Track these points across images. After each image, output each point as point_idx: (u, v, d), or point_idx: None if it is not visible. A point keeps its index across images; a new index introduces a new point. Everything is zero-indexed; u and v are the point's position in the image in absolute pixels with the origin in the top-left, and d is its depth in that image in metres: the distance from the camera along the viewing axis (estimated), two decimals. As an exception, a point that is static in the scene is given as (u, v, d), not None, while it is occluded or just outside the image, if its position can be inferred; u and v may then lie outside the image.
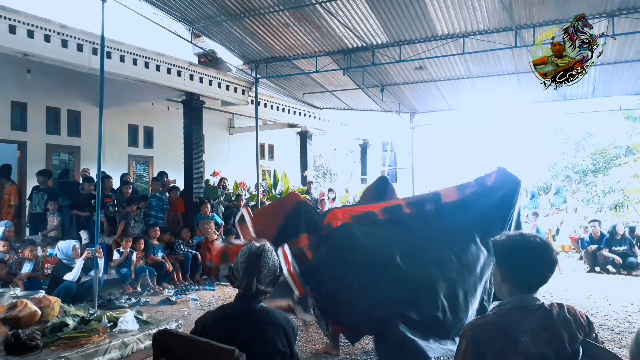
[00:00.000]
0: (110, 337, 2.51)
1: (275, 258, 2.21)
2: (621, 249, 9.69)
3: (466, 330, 1.83)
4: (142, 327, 2.69)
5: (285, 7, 7.76)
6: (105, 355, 2.38)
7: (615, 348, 4.89)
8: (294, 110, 13.48)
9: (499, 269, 1.95)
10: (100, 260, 6.36)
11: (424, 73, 10.64)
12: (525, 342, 1.74)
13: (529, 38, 8.09)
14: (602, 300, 7.25)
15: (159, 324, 2.76)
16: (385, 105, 12.82)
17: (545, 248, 1.88)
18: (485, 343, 1.77)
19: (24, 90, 9.56)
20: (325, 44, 9.16)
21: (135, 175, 12.40)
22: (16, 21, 6.92)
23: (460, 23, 8.01)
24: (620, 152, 18.44)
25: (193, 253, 8.79)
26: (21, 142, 9.95)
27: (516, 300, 1.86)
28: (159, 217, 9.28)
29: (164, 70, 9.08)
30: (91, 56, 7.82)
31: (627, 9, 7.24)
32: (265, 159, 15.66)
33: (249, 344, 1.96)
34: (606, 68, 9.64)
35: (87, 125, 10.76)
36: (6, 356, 2.22)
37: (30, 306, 2.59)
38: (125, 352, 2.47)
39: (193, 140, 9.98)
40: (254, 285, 2.09)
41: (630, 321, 6.01)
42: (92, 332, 2.47)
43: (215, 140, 13.72)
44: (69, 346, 2.36)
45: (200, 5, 7.94)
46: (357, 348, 4.93)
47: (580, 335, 1.82)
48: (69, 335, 2.43)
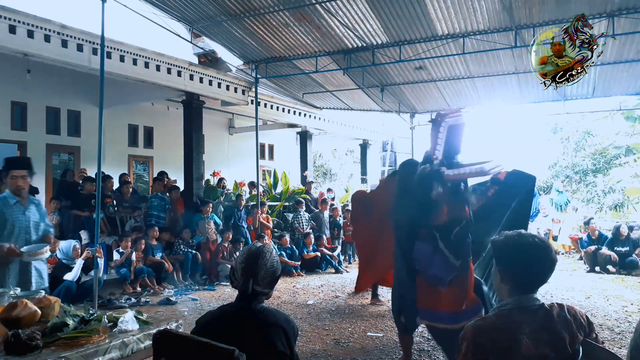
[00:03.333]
0: (110, 337, 2.51)
1: (274, 259, 2.18)
2: (624, 250, 9.70)
3: (467, 332, 1.83)
4: (142, 327, 2.69)
5: (285, 7, 7.77)
6: (105, 355, 2.37)
7: (615, 348, 4.89)
8: (294, 110, 13.49)
9: (499, 269, 1.95)
10: (100, 260, 6.37)
11: (424, 73, 10.65)
12: (526, 342, 1.74)
13: (529, 38, 8.10)
14: (602, 300, 7.25)
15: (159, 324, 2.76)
16: (385, 105, 12.83)
17: (544, 248, 1.88)
18: (486, 344, 1.77)
19: (24, 90, 9.56)
20: (325, 44, 9.17)
21: (135, 175, 12.41)
22: (16, 21, 6.93)
23: (460, 23, 8.01)
24: (620, 152, 18.44)
25: (193, 253, 8.79)
26: (21, 142, 9.95)
27: (516, 300, 1.86)
28: (161, 217, 9.28)
29: (164, 70, 9.09)
30: (91, 56, 7.82)
31: (627, 9, 7.25)
32: (265, 159, 15.66)
33: (249, 344, 1.96)
34: (606, 68, 9.65)
35: (87, 125, 10.76)
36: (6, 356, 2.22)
37: (30, 306, 2.59)
38: (125, 352, 2.47)
39: (193, 140, 9.98)
40: (250, 286, 2.08)
41: (630, 321, 6.01)
42: (92, 332, 2.47)
43: (215, 140, 13.72)
44: (69, 346, 2.35)
45: (200, 5, 7.94)
46: (357, 348, 4.94)
47: (580, 336, 1.82)
48: (69, 335, 2.42)
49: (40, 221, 3.87)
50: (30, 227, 3.76)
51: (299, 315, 6.31)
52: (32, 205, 3.82)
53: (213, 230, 9.32)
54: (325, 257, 10.21)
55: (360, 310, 6.63)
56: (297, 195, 11.81)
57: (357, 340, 5.21)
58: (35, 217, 3.81)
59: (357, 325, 5.82)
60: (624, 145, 18.49)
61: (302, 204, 11.10)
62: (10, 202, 3.69)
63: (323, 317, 6.21)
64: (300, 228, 10.69)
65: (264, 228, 10.09)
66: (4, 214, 3.64)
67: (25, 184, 3.73)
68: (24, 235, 3.71)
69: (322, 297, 7.54)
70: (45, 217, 3.98)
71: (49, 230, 3.99)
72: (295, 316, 6.16)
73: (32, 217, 3.78)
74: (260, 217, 10.11)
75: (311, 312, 6.48)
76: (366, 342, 5.16)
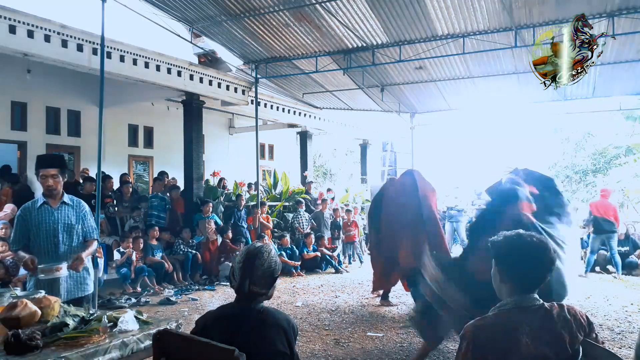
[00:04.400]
0: (110, 337, 2.50)
1: (273, 259, 2.16)
2: (623, 250, 9.70)
3: (467, 332, 1.83)
4: (142, 327, 2.69)
5: (285, 7, 7.77)
6: (105, 355, 2.37)
7: (615, 348, 4.89)
8: (294, 110, 13.49)
9: (498, 269, 1.95)
10: (100, 260, 6.36)
11: (424, 73, 10.64)
12: (526, 342, 1.74)
13: (529, 38, 8.10)
14: (602, 300, 7.25)
15: (159, 324, 2.76)
16: (385, 105, 12.83)
17: (542, 247, 1.88)
18: (486, 344, 1.77)
19: (24, 90, 9.56)
20: (325, 44, 9.17)
21: (135, 175, 12.41)
22: (16, 21, 6.92)
23: (460, 23, 8.01)
24: (620, 152, 18.43)
25: (193, 253, 8.79)
26: (21, 142, 9.95)
27: (516, 300, 1.86)
28: (161, 217, 9.28)
29: (164, 70, 9.09)
30: (91, 56, 7.82)
31: (627, 9, 7.25)
32: (265, 159, 15.66)
33: (249, 344, 1.96)
34: (606, 68, 9.64)
35: (87, 125, 10.76)
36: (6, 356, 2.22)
37: (30, 306, 2.59)
38: (125, 352, 2.47)
39: (193, 140, 9.98)
40: (247, 286, 2.07)
41: (630, 321, 6.01)
42: (92, 332, 2.47)
43: (215, 140, 13.72)
44: (69, 346, 2.35)
45: (200, 5, 7.94)
46: (357, 348, 4.94)
47: (580, 336, 1.82)
48: (69, 335, 2.42)
49: (75, 223, 3.52)
50: (58, 230, 3.44)
51: (299, 315, 6.31)
52: (64, 207, 3.50)
53: (213, 230, 9.32)
54: (325, 257, 10.22)
55: (360, 310, 6.64)
56: (297, 195, 11.81)
57: (357, 340, 5.21)
58: (67, 219, 3.48)
59: (357, 325, 5.82)
60: (624, 145, 18.47)
61: (302, 204, 11.10)
62: (35, 207, 3.46)
63: (323, 317, 6.21)
64: (301, 228, 10.70)
65: (264, 228, 10.09)
66: (26, 223, 3.42)
67: (56, 183, 3.43)
68: (52, 239, 3.42)
69: (322, 297, 7.54)
70: (85, 218, 3.60)
71: (90, 234, 3.62)
72: (295, 316, 6.16)
73: (63, 219, 3.47)
74: (260, 217, 10.12)
75: (311, 312, 6.48)
76: (366, 342, 5.17)
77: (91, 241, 3.62)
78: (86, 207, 3.65)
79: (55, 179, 3.42)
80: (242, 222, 9.98)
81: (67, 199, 3.55)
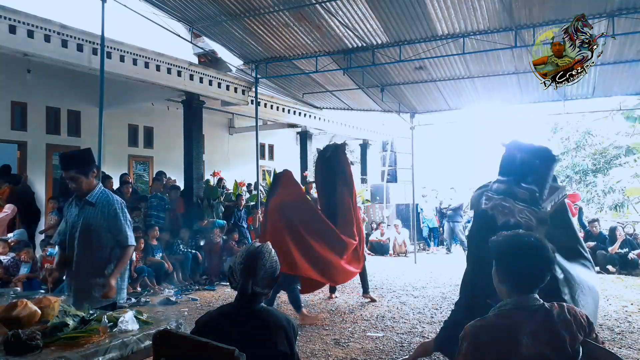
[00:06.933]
0: (110, 337, 2.50)
1: (273, 259, 2.17)
2: (623, 251, 9.70)
3: (467, 332, 1.83)
4: (142, 327, 2.69)
5: (285, 7, 7.77)
6: (105, 355, 2.37)
7: (615, 348, 4.89)
8: (294, 110, 13.48)
9: (497, 269, 1.95)
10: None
11: (424, 73, 10.63)
12: (526, 343, 1.74)
13: (529, 38, 8.09)
14: (602, 300, 7.24)
15: (159, 324, 2.76)
16: (385, 105, 12.82)
17: (541, 247, 1.88)
18: (486, 344, 1.77)
19: (24, 90, 9.55)
20: (325, 44, 9.17)
21: (135, 175, 12.40)
22: (16, 21, 6.92)
23: (460, 23, 8.01)
24: (620, 152, 18.42)
25: (193, 253, 8.79)
26: (21, 142, 9.95)
27: (516, 301, 1.86)
28: (161, 217, 9.28)
29: (164, 70, 9.09)
30: (91, 56, 7.82)
31: (627, 9, 7.24)
32: (265, 159, 15.65)
33: (249, 344, 1.96)
34: (606, 68, 9.64)
35: (87, 125, 10.75)
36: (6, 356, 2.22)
37: (30, 306, 2.59)
38: (125, 352, 2.46)
39: (193, 140, 9.98)
40: (250, 286, 2.08)
41: (630, 321, 6.01)
42: (92, 332, 2.47)
43: (215, 140, 13.72)
44: (69, 346, 2.35)
45: (200, 5, 7.94)
46: (357, 348, 4.94)
47: (580, 336, 1.82)
48: (69, 335, 2.42)
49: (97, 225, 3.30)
50: (77, 230, 3.31)
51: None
52: (87, 207, 3.33)
53: (219, 234, 9.32)
54: (325, 257, 10.19)
55: (360, 310, 6.64)
56: (297, 195, 11.77)
57: (357, 340, 5.21)
58: (86, 220, 3.31)
59: (357, 325, 5.82)
60: (624, 145, 18.47)
61: (302, 204, 11.07)
62: (69, 201, 3.47)
63: (323, 317, 6.21)
64: (300, 228, 10.67)
65: (264, 228, 10.08)
66: (64, 216, 3.45)
67: (78, 183, 3.29)
68: (72, 238, 3.35)
69: (322, 297, 7.54)
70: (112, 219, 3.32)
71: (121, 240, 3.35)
72: (295, 316, 6.15)
73: (83, 219, 3.31)
74: (260, 217, 10.11)
75: (311, 312, 6.48)
76: (366, 342, 5.17)
77: (124, 250, 3.36)
78: (115, 206, 3.35)
79: (77, 180, 3.30)
80: (242, 222, 9.98)
81: (93, 198, 3.34)
